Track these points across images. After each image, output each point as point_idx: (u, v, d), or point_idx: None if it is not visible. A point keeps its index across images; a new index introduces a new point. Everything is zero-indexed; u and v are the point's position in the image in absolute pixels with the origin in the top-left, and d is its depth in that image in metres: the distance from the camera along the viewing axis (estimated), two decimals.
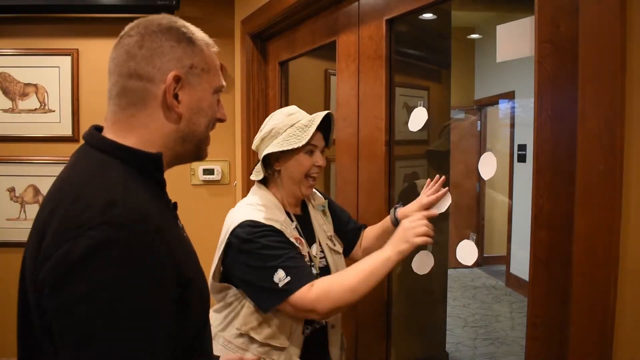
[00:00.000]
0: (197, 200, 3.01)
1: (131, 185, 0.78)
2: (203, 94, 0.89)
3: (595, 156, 0.93)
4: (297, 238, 1.39)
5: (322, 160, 1.43)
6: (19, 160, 2.92)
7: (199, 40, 0.88)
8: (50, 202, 0.78)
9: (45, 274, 0.70)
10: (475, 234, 1.47)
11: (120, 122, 0.85)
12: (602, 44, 0.92)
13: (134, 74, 0.83)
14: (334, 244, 1.53)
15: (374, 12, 1.74)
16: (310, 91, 2.71)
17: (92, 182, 0.77)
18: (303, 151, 1.41)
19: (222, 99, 0.95)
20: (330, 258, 1.48)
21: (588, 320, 0.94)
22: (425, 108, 1.61)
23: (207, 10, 2.92)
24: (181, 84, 0.84)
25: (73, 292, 0.68)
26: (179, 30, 0.86)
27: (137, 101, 0.84)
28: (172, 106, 0.84)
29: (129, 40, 0.84)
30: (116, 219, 0.70)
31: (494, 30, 1.26)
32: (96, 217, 0.70)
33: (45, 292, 0.70)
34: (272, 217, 1.37)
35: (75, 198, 0.74)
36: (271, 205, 1.42)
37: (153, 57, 0.83)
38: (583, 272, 0.95)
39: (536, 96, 1.10)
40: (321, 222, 1.55)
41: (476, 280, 4.86)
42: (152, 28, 0.84)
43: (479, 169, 1.34)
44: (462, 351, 3.45)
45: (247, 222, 1.33)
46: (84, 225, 0.69)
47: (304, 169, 1.42)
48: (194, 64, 0.86)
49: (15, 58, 2.90)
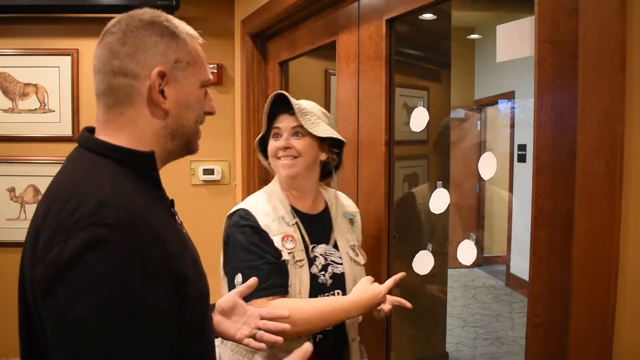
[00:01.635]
0: (197, 200, 3.01)
1: (122, 185, 0.77)
2: (190, 88, 0.87)
3: (595, 156, 0.93)
4: (289, 236, 1.36)
5: (283, 142, 1.39)
6: (19, 160, 2.92)
7: (182, 34, 0.87)
8: (43, 204, 0.78)
9: (39, 278, 0.70)
10: (475, 234, 1.47)
11: (109, 121, 0.84)
12: (602, 44, 0.92)
13: (118, 71, 0.82)
14: (357, 254, 1.49)
15: (374, 12, 1.74)
16: (310, 91, 2.71)
17: (83, 183, 0.77)
18: (272, 137, 1.42)
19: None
20: (349, 268, 1.45)
21: (588, 320, 0.94)
22: (425, 108, 1.61)
23: (207, 10, 2.92)
24: (166, 80, 0.83)
25: (64, 294, 0.68)
26: (161, 24, 0.85)
27: (124, 99, 0.83)
28: (158, 102, 0.83)
29: (112, 38, 0.83)
30: (105, 219, 0.70)
31: (494, 30, 1.26)
32: (85, 218, 0.70)
33: (39, 296, 0.71)
34: (267, 209, 1.38)
35: (67, 200, 0.73)
36: (275, 196, 1.43)
37: (137, 53, 0.82)
38: (583, 272, 0.95)
39: (536, 96, 1.10)
40: (345, 229, 1.50)
41: (476, 280, 4.86)
42: (134, 24, 0.83)
43: (479, 169, 1.34)
44: (462, 351, 3.45)
45: (238, 211, 1.38)
46: (74, 227, 0.69)
47: (272, 153, 1.42)
48: (178, 58, 0.85)
49: (15, 58, 2.90)
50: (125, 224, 0.71)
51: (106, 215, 0.70)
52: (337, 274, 1.42)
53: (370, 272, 1.80)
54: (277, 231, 1.35)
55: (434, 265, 1.64)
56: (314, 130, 1.38)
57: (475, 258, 1.43)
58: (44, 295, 0.70)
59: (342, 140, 1.47)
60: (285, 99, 1.38)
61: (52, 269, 0.69)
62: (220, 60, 2.93)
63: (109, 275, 0.68)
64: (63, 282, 0.68)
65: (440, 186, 1.59)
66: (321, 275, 1.39)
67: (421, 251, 1.67)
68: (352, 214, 1.56)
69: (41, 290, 0.70)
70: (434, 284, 2.20)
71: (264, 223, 1.35)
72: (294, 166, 1.39)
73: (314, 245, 1.41)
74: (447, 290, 2.63)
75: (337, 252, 1.45)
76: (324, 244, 1.43)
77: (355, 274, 1.45)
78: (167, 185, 0.89)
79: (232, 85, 2.94)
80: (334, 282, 1.41)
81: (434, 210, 1.59)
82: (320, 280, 1.39)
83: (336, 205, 1.53)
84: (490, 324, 3.94)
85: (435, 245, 1.66)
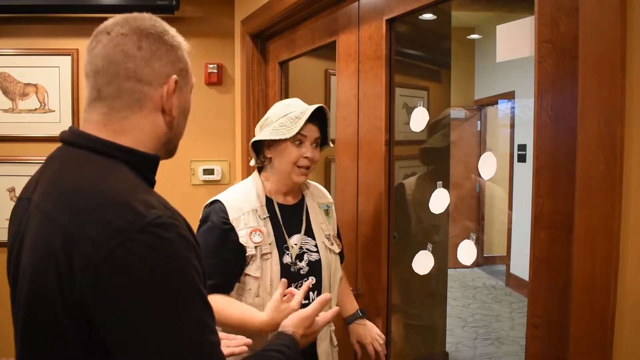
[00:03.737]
0: (197, 200, 2.99)
1: (144, 186, 0.79)
2: (187, 96, 0.90)
3: (595, 156, 0.93)
4: (257, 230, 1.41)
5: (310, 152, 1.44)
6: (19, 160, 2.92)
7: (182, 43, 0.89)
8: (58, 204, 0.76)
9: (89, 284, 0.69)
10: (475, 234, 1.48)
11: (110, 123, 0.83)
12: (602, 43, 0.92)
13: (132, 75, 0.81)
14: (332, 243, 1.55)
15: (374, 12, 1.74)
16: (310, 91, 2.71)
17: (113, 183, 0.76)
18: (291, 142, 1.43)
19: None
20: (325, 256, 1.51)
21: (588, 320, 0.94)
22: (425, 108, 1.61)
23: (207, 10, 2.92)
24: (175, 88, 0.85)
25: (132, 294, 0.69)
26: (168, 33, 0.86)
27: (133, 103, 0.82)
28: (170, 110, 0.85)
29: (124, 40, 0.82)
30: (158, 218, 0.71)
31: (494, 30, 1.26)
32: (138, 220, 0.70)
33: (97, 301, 0.69)
34: (241, 204, 1.43)
35: (103, 201, 0.73)
36: (250, 189, 1.49)
37: (152, 59, 0.82)
38: (583, 272, 0.95)
39: (536, 96, 1.10)
40: (320, 220, 1.56)
41: (476, 280, 4.86)
42: (147, 29, 0.83)
43: (479, 169, 1.34)
44: (462, 351, 3.45)
45: (214, 204, 1.44)
46: (128, 228, 0.69)
47: (292, 159, 1.44)
48: (182, 67, 0.87)
49: (15, 58, 2.90)
50: (174, 222, 0.74)
51: (159, 215, 0.72)
52: (313, 261, 1.49)
53: (371, 272, 1.81)
54: (245, 225, 1.41)
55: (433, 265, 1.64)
56: (330, 142, 1.51)
57: (475, 258, 1.43)
58: (109, 302, 0.69)
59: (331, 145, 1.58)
60: (322, 110, 1.45)
61: (115, 273, 0.69)
62: (220, 60, 2.93)
63: (173, 273, 0.72)
64: (131, 286, 0.69)
65: (440, 186, 1.59)
66: (296, 263, 1.45)
67: (421, 251, 1.67)
68: (327, 204, 1.62)
69: (105, 296, 0.69)
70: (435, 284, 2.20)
71: (234, 217, 1.41)
72: (307, 174, 1.48)
73: (289, 236, 1.47)
74: (447, 290, 2.63)
75: (313, 240, 1.51)
76: (299, 234, 1.49)
77: (330, 261, 1.52)
78: (167, 185, 0.89)
79: (232, 85, 2.94)
80: (310, 269, 1.47)
81: (434, 210, 1.59)
82: (293, 269, 1.44)
83: (311, 196, 1.59)
84: (490, 324, 3.94)
85: (435, 246, 1.66)
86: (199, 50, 2.89)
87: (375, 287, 1.78)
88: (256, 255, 1.40)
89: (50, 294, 0.72)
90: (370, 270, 1.81)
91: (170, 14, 2.64)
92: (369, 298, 1.81)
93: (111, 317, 0.70)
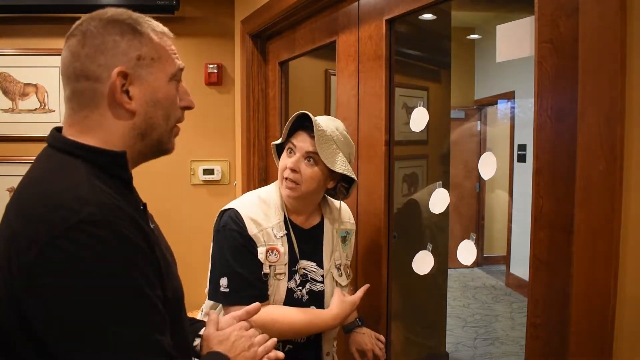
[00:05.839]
0: (197, 200, 3.00)
1: (96, 182, 0.76)
2: (157, 85, 0.83)
3: (595, 156, 0.93)
4: (274, 248, 1.35)
5: (292, 163, 1.34)
6: (19, 160, 2.92)
7: (145, 29, 0.83)
8: (14, 206, 0.77)
9: (23, 282, 0.69)
10: (475, 234, 1.48)
11: (75, 124, 0.82)
12: (602, 43, 0.92)
13: (80, 74, 0.80)
14: (340, 274, 1.48)
15: (374, 12, 1.74)
16: (310, 91, 2.71)
17: (56, 181, 0.76)
18: (286, 150, 1.39)
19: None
20: (330, 287, 1.45)
21: (588, 320, 0.94)
22: (425, 108, 1.61)
23: (207, 10, 2.92)
24: (130, 79, 0.80)
25: (62, 293, 0.68)
26: (122, 22, 0.82)
27: (88, 102, 0.81)
28: (121, 103, 0.80)
29: (73, 40, 0.81)
30: (91, 216, 0.69)
31: (494, 30, 1.26)
32: (71, 217, 0.69)
33: (30, 300, 0.69)
34: (259, 218, 1.36)
35: (41, 199, 0.73)
36: (271, 204, 1.41)
37: (96, 54, 0.79)
38: (583, 272, 0.95)
39: (536, 96, 1.10)
40: (334, 248, 1.48)
41: (476, 280, 4.86)
42: (93, 24, 0.81)
43: (479, 169, 1.34)
44: (462, 351, 3.45)
45: (230, 212, 1.36)
46: (59, 225, 0.68)
47: (280, 168, 1.39)
48: (141, 55, 0.81)
49: (15, 58, 2.90)
50: (112, 219, 0.71)
51: (92, 212, 0.70)
52: (315, 291, 1.43)
53: (371, 271, 1.81)
54: (264, 242, 1.35)
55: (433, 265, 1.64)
56: (329, 162, 1.33)
57: (475, 258, 1.43)
58: (36, 297, 0.69)
59: (354, 178, 1.41)
60: (309, 117, 1.34)
61: (42, 269, 0.68)
62: (220, 60, 2.93)
63: (103, 271, 0.69)
64: (57, 283, 0.68)
65: (440, 186, 1.59)
66: (297, 290, 1.40)
67: (421, 251, 1.67)
68: (347, 231, 1.53)
69: (32, 293, 0.69)
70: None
71: (252, 232, 1.34)
72: (295, 190, 1.36)
73: (300, 260, 1.41)
74: (447, 290, 2.63)
75: (321, 270, 1.44)
76: (309, 260, 1.43)
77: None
78: (167, 185, 0.89)
79: (232, 85, 2.94)
80: (310, 298, 1.42)
81: (434, 210, 1.59)
82: (296, 295, 1.40)
83: (332, 220, 1.51)
84: (490, 324, 3.94)
85: (435, 245, 1.66)
86: (198, 50, 2.89)
87: (375, 287, 1.78)
88: (269, 275, 1.35)
89: (1, 293, 0.73)
90: (370, 270, 1.81)
91: (170, 13, 2.64)
92: (369, 298, 1.80)
93: (45, 317, 0.69)
